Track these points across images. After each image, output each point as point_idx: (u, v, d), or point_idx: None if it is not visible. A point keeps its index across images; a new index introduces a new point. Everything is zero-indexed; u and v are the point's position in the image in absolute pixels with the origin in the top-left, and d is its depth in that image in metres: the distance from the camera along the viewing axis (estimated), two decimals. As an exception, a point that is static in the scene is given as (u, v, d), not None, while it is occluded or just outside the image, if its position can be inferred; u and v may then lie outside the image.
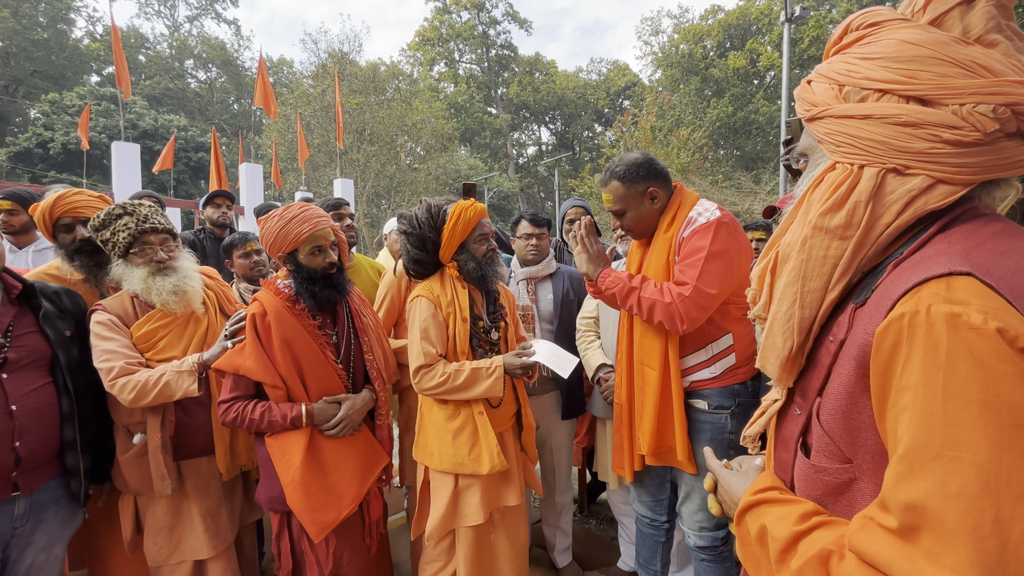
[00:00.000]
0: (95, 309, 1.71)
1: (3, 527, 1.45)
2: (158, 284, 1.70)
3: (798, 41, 23.28)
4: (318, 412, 1.66)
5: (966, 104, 0.56)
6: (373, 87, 20.68)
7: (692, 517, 1.70)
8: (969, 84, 0.56)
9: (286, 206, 1.72)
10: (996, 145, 0.56)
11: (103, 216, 1.69)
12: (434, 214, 1.78)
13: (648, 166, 1.66)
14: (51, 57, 25.72)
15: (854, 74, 0.64)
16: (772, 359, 0.72)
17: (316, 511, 1.60)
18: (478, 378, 1.70)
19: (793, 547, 0.61)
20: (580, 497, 3.12)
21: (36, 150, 20.48)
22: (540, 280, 2.40)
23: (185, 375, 1.64)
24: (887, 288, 0.58)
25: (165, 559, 1.74)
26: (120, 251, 1.69)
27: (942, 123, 0.57)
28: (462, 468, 1.69)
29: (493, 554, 1.81)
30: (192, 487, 1.77)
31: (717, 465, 0.86)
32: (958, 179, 0.58)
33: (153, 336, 1.73)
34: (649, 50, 30.54)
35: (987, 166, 0.57)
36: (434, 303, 1.77)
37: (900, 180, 0.61)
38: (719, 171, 19.23)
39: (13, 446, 1.43)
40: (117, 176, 7.59)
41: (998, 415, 0.46)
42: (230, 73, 33.29)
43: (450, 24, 35.25)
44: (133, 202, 1.74)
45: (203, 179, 22.89)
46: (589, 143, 38.46)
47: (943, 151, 0.58)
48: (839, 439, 0.63)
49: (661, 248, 1.65)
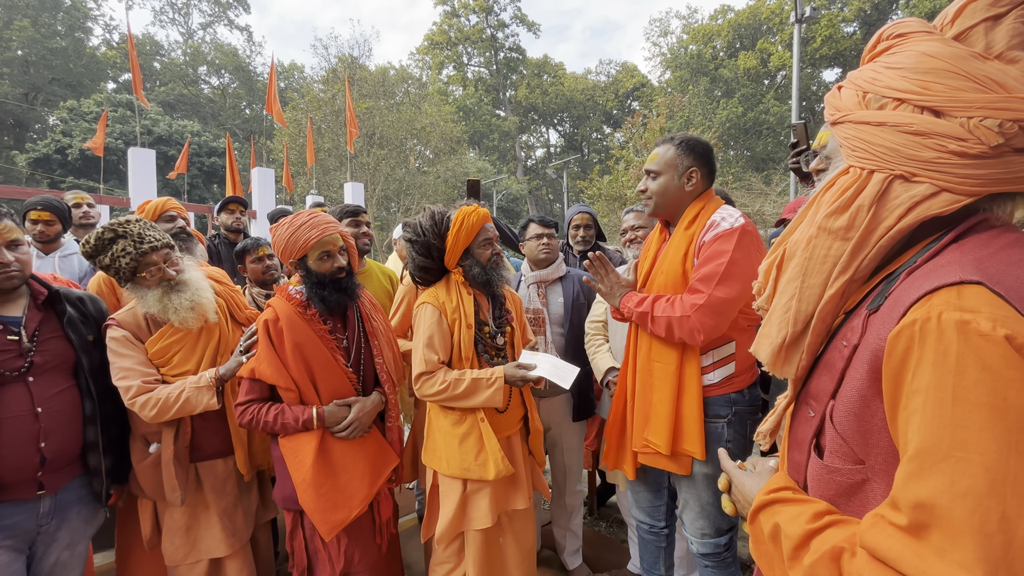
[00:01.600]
0: (109, 324, 1.71)
1: (29, 525, 1.49)
2: (175, 303, 1.70)
3: (809, 40, 23.08)
4: (328, 415, 1.69)
5: (974, 117, 0.58)
6: (383, 91, 20.87)
7: (693, 524, 1.68)
8: (979, 98, 0.58)
9: (296, 213, 1.76)
10: (1003, 159, 0.58)
11: (93, 242, 1.63)
12: (438, 221, 1.80)
13: (705, 150, 1.67)
14: (69, 65, 26.28)
15: (877, 82, 0.66)
16: (765, 345, 0.76)
17: (327, 510, 1.63)
18: (478, 388, 1.71)
19: (806, 544, 0.62)
20: (590, 500, 3.12)
21: (55, 156, 20.91)
22: (550, 283, 2.41)
23: (204, 390, 1.68)
24: (900, 295, 0.60)
25: (182, 559, 1.78)
26: (126, 275, 1.68)
27: (949, 134, 0.59)
28: (469, 473, 1.71)
29: (502, 557, 1.83)
30: (209, 487, 1.81)
31: (731, 466, 0.88)
32: (962, 189, 0.60)
33: (167, 352, 1.75)
34: (658, 51, 30.50)
35: (993, 179, 0.59)
36: (439, 310, 1.78)
37: (905, 186, 0.63)
38: (729, 172, 19.10)
39: (39, 447, 1.47)
40: (133, 181, 7.75)
41: (1006, 418, 0.48)
42: (242, 79, 33.78)
43: (459, 28, 35.45)
44: (122, 221, 1.68)
45: (216, 183, 23.22)
46: (598, 145, 38.41)
47: (949, 161, 0.59)
48: (852, 440, 0.64)
49: (679, 244, 1.64)
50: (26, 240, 1.58)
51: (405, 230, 1.87)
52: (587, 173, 22.26)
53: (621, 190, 14.12)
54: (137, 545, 1.90)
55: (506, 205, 29.43)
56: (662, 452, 1.60)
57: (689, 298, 1.52)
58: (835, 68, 25.39)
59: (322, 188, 18.76)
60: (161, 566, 1.89)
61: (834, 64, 25.03)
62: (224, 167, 8.38)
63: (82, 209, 3.06)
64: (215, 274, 2.01)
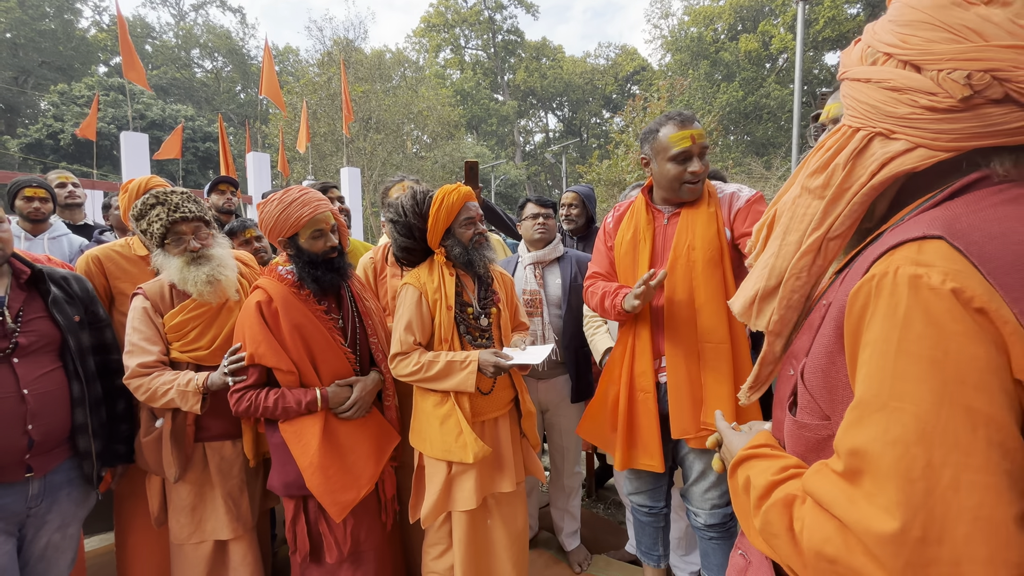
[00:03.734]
0: (136, 292, 1.75)
1: (18, 507, 1.47)
2: (192, 274, 1.69)
3: (812, 22, 22.72)
4: (332, 395, 1.67)
5: (943, 70, 0.56)
6: (379, 74, 20.55)
7: (703, 496, 1.69)
8: (949, 49, 0.56)
9: (286, 189, 1.71)
10: (977, 111, 0.55)
11: (139, 206, 1.70)
12: (419, 201, 1.76)
13: None
14: (59, 48, 25.79)
15: (874, 36, 0.65)
16: (740, 298, 0.79)
17: (336, 492, 1.62)
18: (452, 370, 1.67)
19: (768, 494, 0.65)
20: (588, 482, 3.13)
21: (47, 141, 20.65)
22: (548, 264, 2.38)
23: (190, 395, 1.66)
24: (869, 252, 0.61)
25: (187, 537, 1.79)
26: (156, 241, 1.71)
27: (921, 89, 0.57)
28: (450, 455, 1.68)
29: (489, 539, 1.81)
30: (215, 468, 1.81)
31: (724, 426, 0.91)
32: (937, 145, 0.58)
33: (184, 327, 1.74)
34: (659, 33, 30.00)
35: (968, 133, 0.56)
36: (420, 291, 1.75)
37: (883, 143, 0.62)
38: (729, 157, 18.97)
39: (26, 429, 1.45)
40: (126, 166, 7.62)
41: (943, 370, 0.49)
42: (236, 62, 33.22)
43: (456, 10, 34.84)
44: (166, 190, 1.73)
45: (211, 169, 22.96)
46: (597, 129, 38.04)
47: (921, 116, 0.58)
48: (819, 396, 0.65)
49: (707, 221, 1.62)
50: (8, 219, 1.54)
51: (387, 211, 1.83)
52: (586, 158, 22.07)
53: (620, 175, 14.02)
54: (137, 528, 1.90)
55: (504, 191, 29.22)
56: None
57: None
58: (837, 51, 25.06)
59: (318, 173, 18.57)
60: (160, 548, 1.90)
61: (836, 47, 24.68)
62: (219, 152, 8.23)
63: (67, 189, 3.01)
64: (243, 257, 2.01)
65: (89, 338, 1.67)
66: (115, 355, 1.76)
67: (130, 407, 1.79)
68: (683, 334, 1.64)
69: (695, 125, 1.60)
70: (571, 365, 2.32)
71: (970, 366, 0.48)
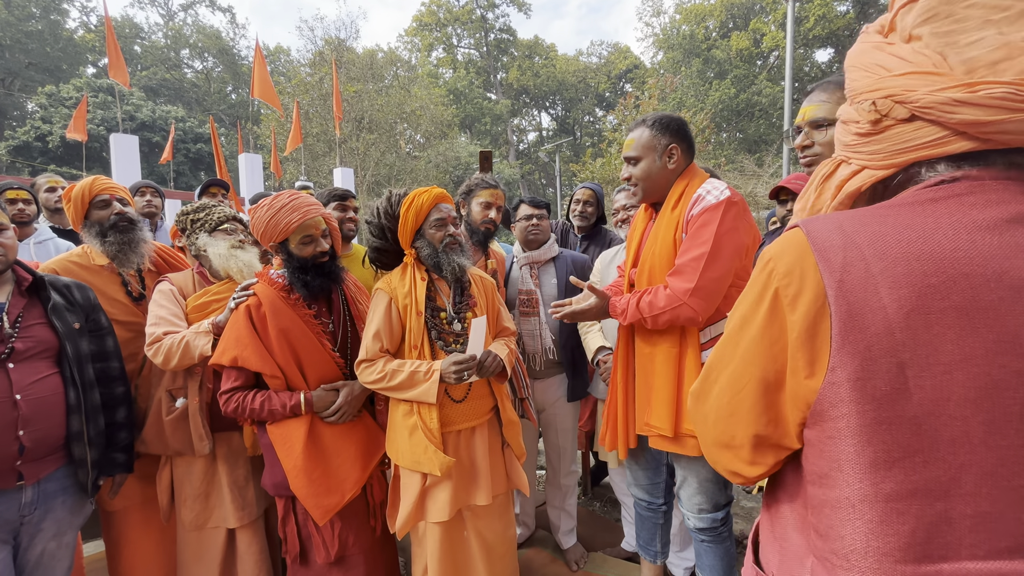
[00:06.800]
0: (161, 280, 1.92)
1: (11, 515, 1.46)
2: (238, 256, 1.94)
3: (803, 20, 22.84)
4: (316, 400, 1.67)
5: (858, 100, 0.66)
6: (371, 74, 20.44)
7: (691, 500, 1.69)
8: (863, 84, 0.66)
9: (276, 194, 1.71)
10: (891, 131, 0.63)
11: (196, 205, 2.06)
12: (393, 202, 1.75)
13: (679, 125, 1.64)
14: (46, 49, 25.50)
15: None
16: None
17: (319, 495, 1.62)
18: (414, 380, 1.63)
19: None
20: (584, 480, 3.14)
21: (35, 143, 20.40)
22: (543, 264, 2.38)
23: (202, 335, 1.76)
24: None
25: (202, 524, 1.84)
26: (210, 227, 1.97)
27: (851, 119, 0.68)
28: (420, 466, 1.64)
29: (467, 552, 1.75)
30: (222, 458, 1.88)
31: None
32: (875, 164, 0.66)
33: (206, 308, 1.89)
34: (651, 31, 30.07)
35: (892, 151, 0.63)
36: (390, 296, 1.72)
37: (844, 168, 0.70)
38: (721, 154, 19.05)
39: (17, 435, 1.43)
40: (116, 168, 7.55)
41: (747, 329, 0.68)
42: (226, 62, 32.95)
43: (448, 8, 34.70)
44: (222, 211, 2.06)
45: (203, 170, 22.78)
46: (590, 128, 38.07)
47: (857, 142, 0.67)
48: None
49: (668, 225, 1.61)
50: (11, 226, 1.56)
51: (366, 213, 1.84)
52: (580, 156, 22.09)
53: (614, 173, 14.05)
54: (132, 540, 1.92)
55: (498, 190, 29.10)
56: (666, 435, 1.59)
57: (678, 283, 1.50)
58: (828, 48, 25.18)
59: (311, 174, 18.46)
60: (154, 557, 1.91)
61: (827, 44, 24.82)
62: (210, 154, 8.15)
63: (57, 193, 2.97)
64: (163, 251, 2.18)
65: (89, 346, 1.65)
66: (116, 363, 1.75)
67: (131, 415, 1.78)
68: (640, 335, 1.69)
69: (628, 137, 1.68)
70: (567, 364, 2.33)
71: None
